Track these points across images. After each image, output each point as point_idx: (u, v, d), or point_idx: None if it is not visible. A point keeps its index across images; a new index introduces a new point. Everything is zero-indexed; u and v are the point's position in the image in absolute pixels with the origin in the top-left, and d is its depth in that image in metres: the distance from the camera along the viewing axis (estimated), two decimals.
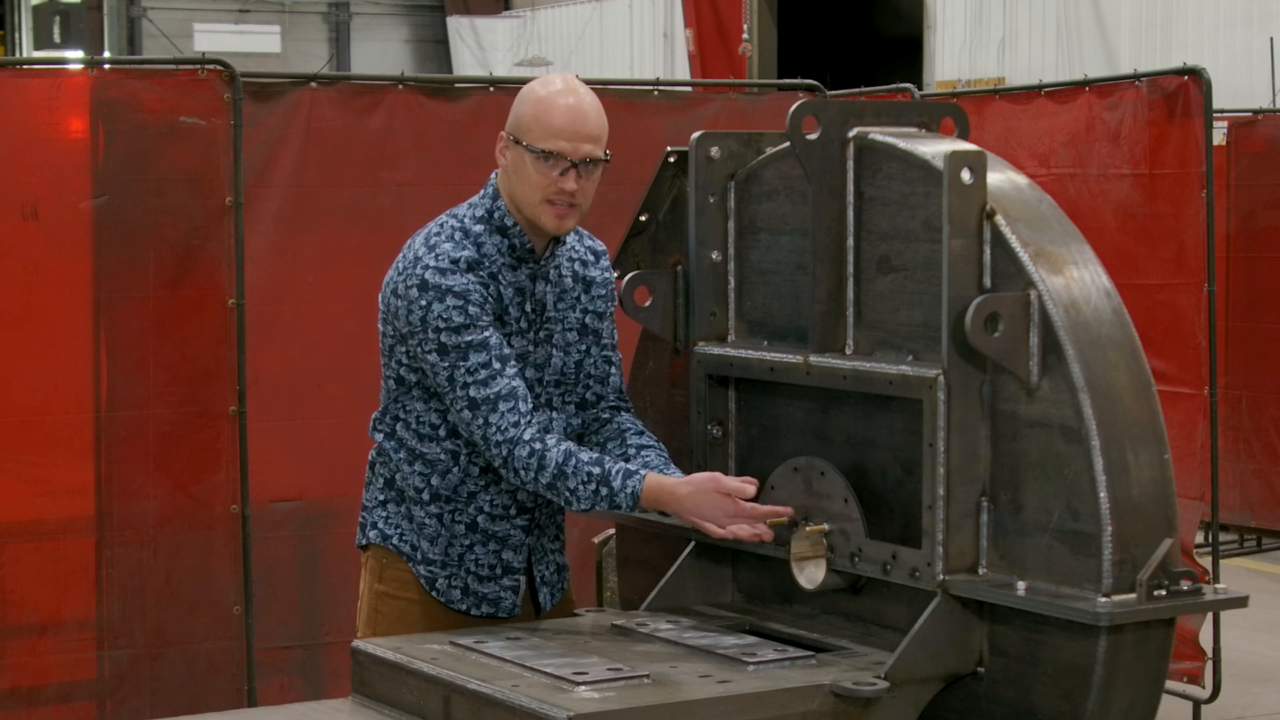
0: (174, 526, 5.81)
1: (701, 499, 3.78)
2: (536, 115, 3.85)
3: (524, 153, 3.84)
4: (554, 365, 3.99)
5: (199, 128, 5.79)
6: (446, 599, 4.00)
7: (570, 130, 3.83)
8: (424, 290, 3.81)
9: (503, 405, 3.79)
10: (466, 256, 3.85)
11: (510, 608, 4.03)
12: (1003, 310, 3.43)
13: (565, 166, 3.83)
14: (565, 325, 4.00)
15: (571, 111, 3.84)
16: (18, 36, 27.13)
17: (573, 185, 3.84)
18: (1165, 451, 3.45)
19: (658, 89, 6.71)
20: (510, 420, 3.79)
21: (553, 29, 23.55)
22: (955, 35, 17.26)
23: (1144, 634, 3.40)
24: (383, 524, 4.03)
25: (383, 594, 4.04)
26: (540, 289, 3.95)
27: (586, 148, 3.84)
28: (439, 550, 3.98)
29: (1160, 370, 6.27)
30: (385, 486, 4.03)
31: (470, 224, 3.91)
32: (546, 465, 3.79)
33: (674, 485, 3.81)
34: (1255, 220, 10.12)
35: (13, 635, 5.68)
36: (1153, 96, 6.89)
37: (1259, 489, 10.21)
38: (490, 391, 3.79)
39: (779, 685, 3.43)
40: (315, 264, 6.05)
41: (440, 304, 3.80)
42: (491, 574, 4.01)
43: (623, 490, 3.79)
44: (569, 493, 3.80)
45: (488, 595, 4.01)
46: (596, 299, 4.06)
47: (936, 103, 4.44)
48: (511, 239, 3.91)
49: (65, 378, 5.73)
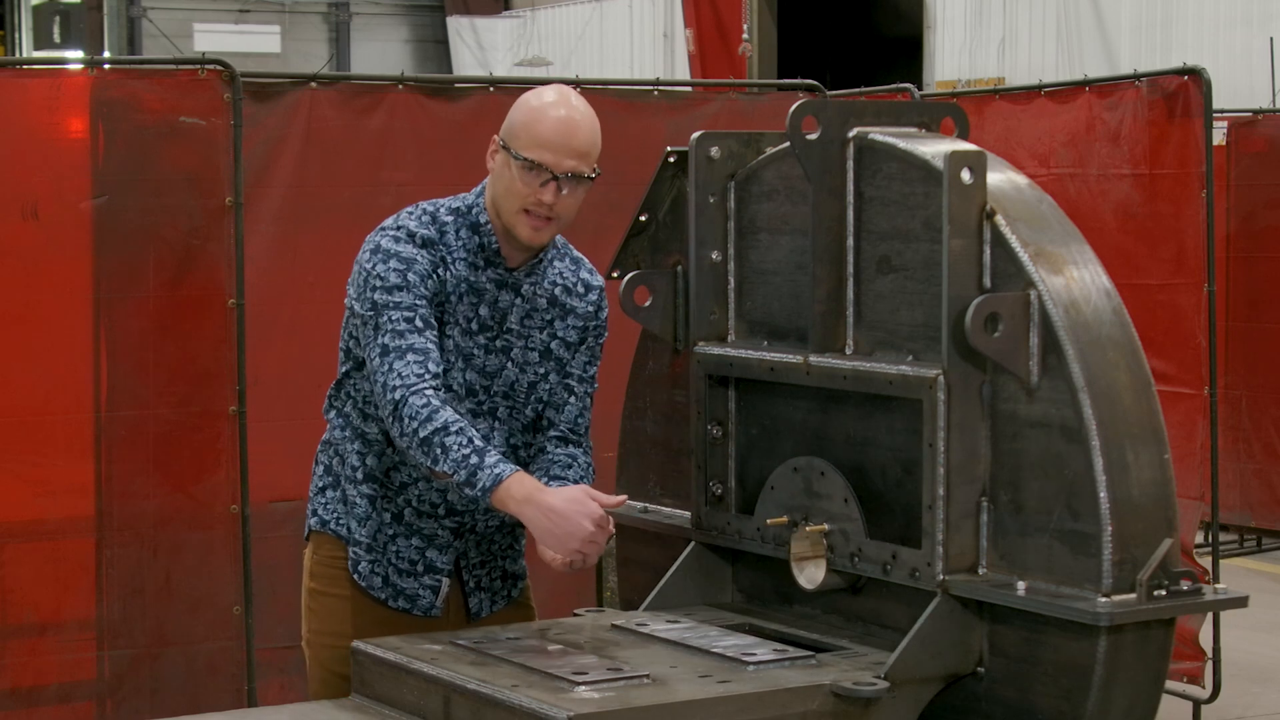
0: (174, 526, 5.81)
1: (563, 520, 3.66)
2: (526, 123, 3.84)
3: (510, 159, 3.84)
4: (505, 377, 3.96)
5: (199, 128, 5.79)
6: (368, 584, 3.99)
7: (557, 143, 3.81)
8: (374, 253, 3.86)
9: (410, 356, 3.76)
10: (424, 234, 3.87)
11: (428, 607, 4.01)
12: (1003, 310, 3.43)
13: (547, 178, 3.81)
14: (528, 344, 3.97)
15: (562, 124, 3.82)
16: (18, 36, 27.13)
17: (550, 198, 3.82)
18: (1165, 451, 3.45)
19: (658, 89, 6.71)
20: (414, 371, 3.75)
21: (553, 29, 23.55)
22: (955, 35, 17.26)
23: (1144, 634, 3.40)
24: (322, 510, 4.05)
25: (313, 590, 4.06)
26: (505, 298, 3.93)
27: (570, 163, 3.82)
28: (367, 533, 3.99)
29: (1160, 370, 6.27)
30: (325, 473, 4.06)
31: (444, 213, 3.93)
32: (434, 419, 3.69)
33: (542, 493, 3.69)
34: (1255, 220, 10.12)
35: (13, 635, 5.68)
36: (1153, 96, 6.89)
37: (1259, 489, 10.21)
38: (403, 342, 3.77)
39: (779, 685, 3.43)
40: (315, 264, 6.05)
41: (384, 265, 3.83)
42: (412, 569, 4.00)
43: (492, 468, 3.66)
44: (440, 450, 3.67)
45: (405, 590, 4.00)
46: (570, 329, 4.02)
47: (936, 103, 4.44)
48: (481, 237, 3.90)
49: (65, 378, 5.73)
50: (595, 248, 4.22)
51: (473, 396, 3.93)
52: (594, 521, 3.68)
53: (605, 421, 4.32)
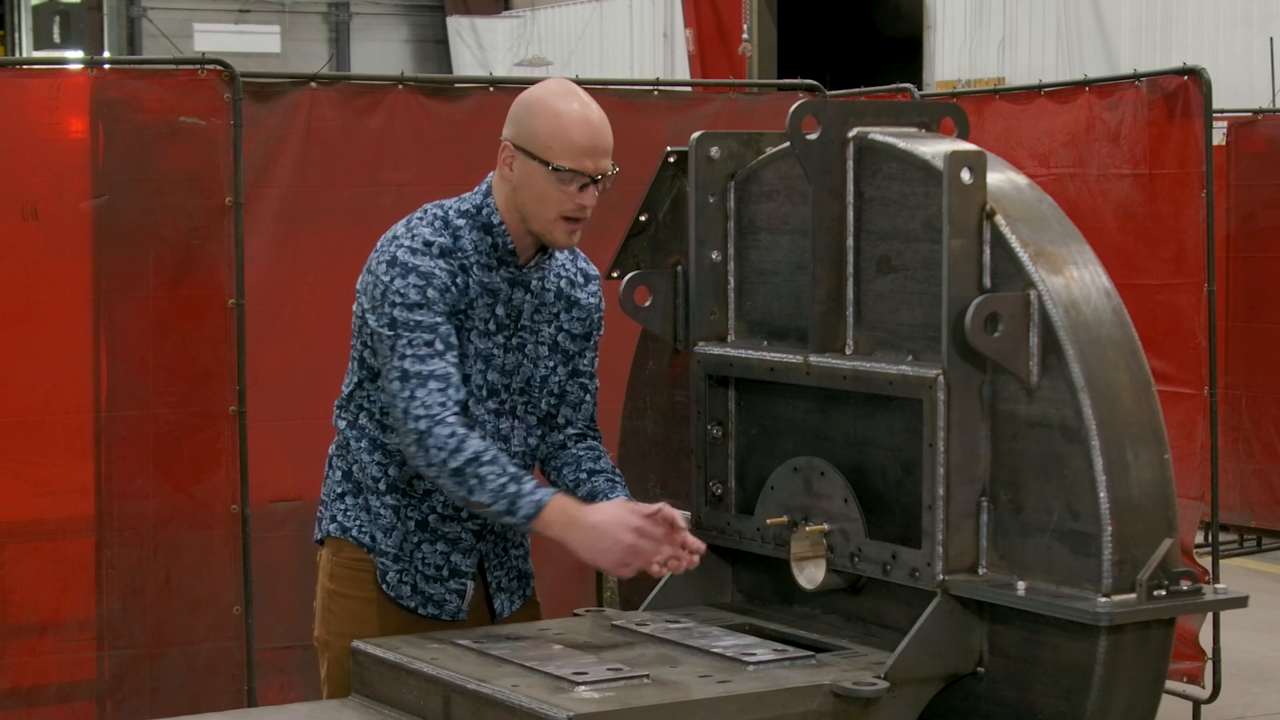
0: (174, 526, 5.81)
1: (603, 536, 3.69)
2: (555, 132, 3.80)
3: (539, 168, 3.80)
4: (522, 374, 3.96)
5: (199, 128, 5.79)
6: (396, 594, 3.99)
7: (591, 146, 3.80)
8: (392, 266, 3.82)
9: (433, 384, 3.75)
10: (441, 243, 3.84)
11: (455, 611, 4.00)
12: (1003, 310, 3.43)
13: (584, 183, 3.80)
14: (538, 338, 3.97)
15: (590, 127, 3.81)
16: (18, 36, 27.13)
17: (591, 201, 3.83)
18: (1165, 451, 3.45)
19: (658, 89, 6.71)
20: (437, 400, 3.74)
21: (553, 29, 23.55)
22: (955, 35, 17.25)
23: (1144, 634, 3.40)
24: (341, 516, 4.02)
25: (333, 592, 4.04)
26: (518, 296, 3.93)
27: (605, 163, 3.83)
28: (393, 543, 3.98)
29: (1160, 370, 6.27)
30: (344, 479, 4.03)
31: (454, 216, 3.90)
32: (464, 449, 3.70)
33: (582, 513, 3.72)
34: (1255, 220, 10.12)
35: (13, 635, 5.68)
36: (1153, 96, 6.89)
37: (1259, 489, 10.21)
38: (424, 368, 3.76)
39: (779, 685, 3.43)
40: (315, 264, 6.05)
41: (402, 280, 3.80)
42: (438, 574, 3.99)
43: (531, 495, 3.70)
44: (476, 480, 3.69)
45: (433, 596, 3.99)
46: (575, 320, 4.01)
47: (936, 103, 4.44)
48: (495, 237, 3.89)
49: (65, 378, 5.73)
50: (595, 248, 4.22)
51: (495, 396, 3.92)
52: (634, 531, 3.69)
53: (605, 421, 4.32)
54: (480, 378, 3.90)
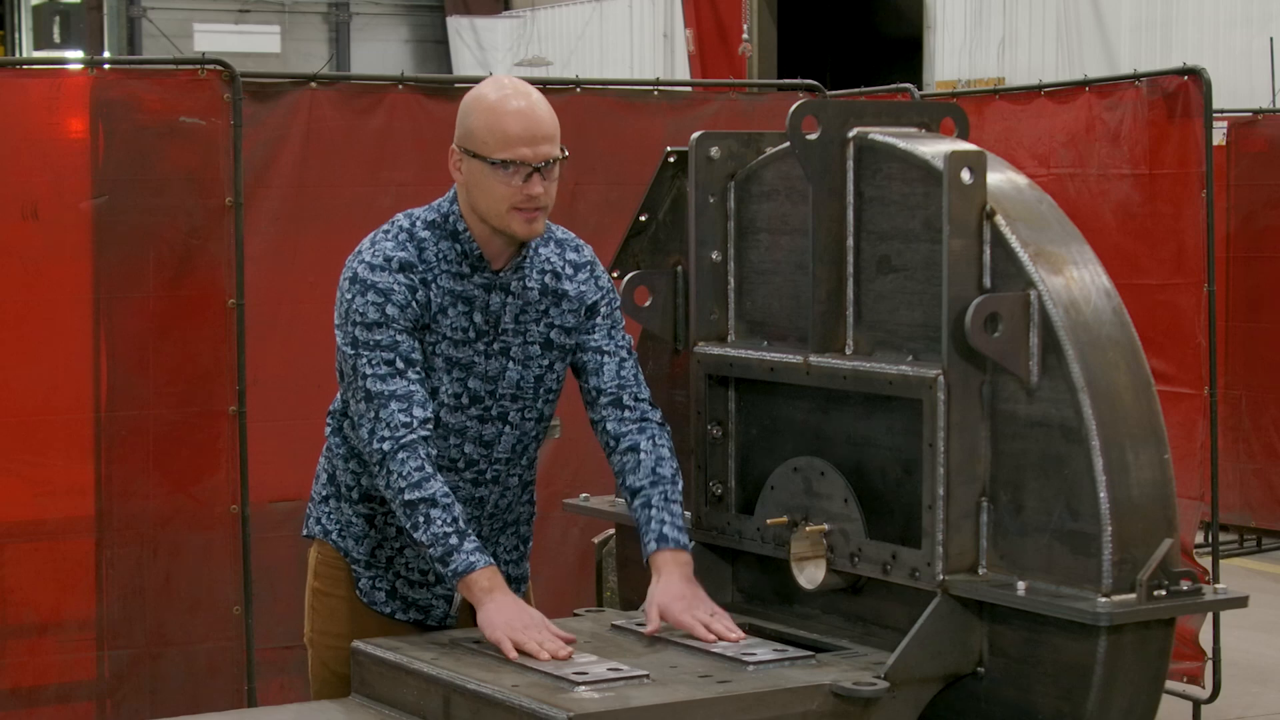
0: (174, 526, 5.81)
1: (501, 611, 3.66)
2: (489, 125, 3.77)
3: (481, 165, 3.78)
4: (509, 379, 3.92)
5: (199, 128, 5.79)
6: (370, 600, 4.00)
7: (527, 135, 3.76)
8: (353, 283, 3.83)
9: (394, 404, 3.75)
10: (401, 257, 3.83)
11: (441, 616, 4.01)
12: (1003, 310, 3.43)
13: (528, 172, 3.77)
14: (527, 339, 3.93)
15: (524, 116, 3.77)
16: (18, 36, 27.14)
17: (539, 189, 3.78)
18: (1165, 451, 3.45)
19: (658, 89, 6.71)
20: (400, 420, 3.74)
21: (553, 29, 23.55)
22: (955, 35, 17.26)
23: (1144, 634, 3.40)
24: (325, 520, 4.04)
25: (317, 590, 4.06)
26: (496, 300, 3.89)
27: (544, 149, 3.78)
28: (364, 550, 3.99)
29: (1160, 370, 6.27)
30: (329, 482, 4.05)
31: (420, 228, 3.88)
32: (423, 488, 3.70)
33: (502, 591, 3.70)
34: (1255, 220, 10.11)
35: (13, 635, 5.68)
36: (1153, 96, 6.89)
37: (1259, 489, 10.21)
38: (385, 388, 3.76)
39: (779, 685, 3.43)
40: (315, 264, 6.04)
41: (362, 298, 3.80)
42: (423, 579, 3.99)
43: (467, 555, 3.68)
44: (423, 520, 3.69)
45: (418, 601, 4.00)
46: (567, 313, 3.96)
47: (936, 103, 4.44)
48: (462, 244, 3.86)
49: (65, 378, 5.73)
50: (595, 248, 4.21)
51: (478, 404, 3.90)
52: (527, 625, 3.64)
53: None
54: (459, 386, 3.88)
